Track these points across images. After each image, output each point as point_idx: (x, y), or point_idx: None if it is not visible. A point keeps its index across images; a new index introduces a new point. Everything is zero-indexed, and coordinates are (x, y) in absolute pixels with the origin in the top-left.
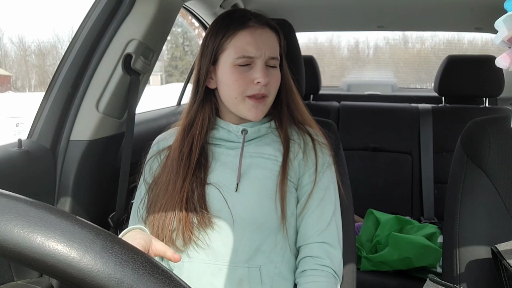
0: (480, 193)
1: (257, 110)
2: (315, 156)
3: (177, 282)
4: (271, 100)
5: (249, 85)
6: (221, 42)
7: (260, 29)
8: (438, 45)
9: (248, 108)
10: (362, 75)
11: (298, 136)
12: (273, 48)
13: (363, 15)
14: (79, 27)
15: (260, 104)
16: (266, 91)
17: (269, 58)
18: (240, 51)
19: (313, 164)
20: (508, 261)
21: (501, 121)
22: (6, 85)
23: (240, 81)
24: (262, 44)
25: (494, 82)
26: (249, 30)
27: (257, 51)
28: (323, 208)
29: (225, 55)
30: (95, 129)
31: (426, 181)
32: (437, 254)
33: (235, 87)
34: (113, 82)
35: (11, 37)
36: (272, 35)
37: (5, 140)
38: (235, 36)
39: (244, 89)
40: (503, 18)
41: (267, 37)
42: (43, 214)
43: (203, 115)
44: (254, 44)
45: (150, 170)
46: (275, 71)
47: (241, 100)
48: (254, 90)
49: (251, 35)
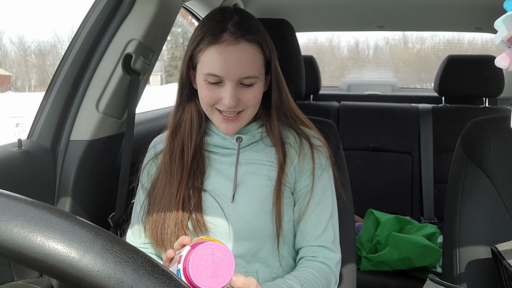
0: (480, 193)
1: (227, 126)
2: (312, 161)
3: (177, 282)
4: (251, 112)
5: (219, 101)
6: (195, 52)
7: (232, 45)
8: (438, 45)
9: (219, 121)
10: (362, 75)
11: (295, 139)
12: (247, 67)
13: (363, 15)
14: (79, 27)
15: (231, 121)
16: (240, 108)
17: (241, 78)
18: (208, 68)
19: (309, 168)
20: (508, 261)
21: (501, 121)
22: (6, 85)
23: (208, 97)
24: (231, 64)
25: (494, 82)
26: (218, 46)
27: (225, 71)
28: (320, 212)
29: (198, 66)
30: (95, 129)
31: (426, 181)
32: (437, 254)
33: (205, 101)
34: (113, 82)
35: (11, 37)
36: (249, 50)
37: (5, 140)
38: (205, 51)
39: (213, 104)
40: (502, 18)
41: (240, 54)
42: (43, 214)
43: (190, 115)
44: (222, 64)
45: (148, 174)
46: (252, 88)
47: (211, 111)
48: (222, 107)
49: (219, 53)
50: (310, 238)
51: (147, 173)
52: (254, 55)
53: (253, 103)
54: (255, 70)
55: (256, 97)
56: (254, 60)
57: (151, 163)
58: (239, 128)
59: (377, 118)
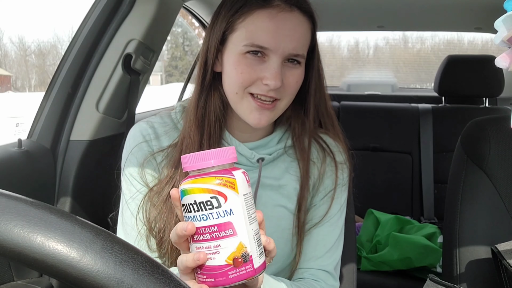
0: (480, 193)
1: (261, 115)
2: (334, 182)
3: (177, 282)
4: (285, 104)
5: (256, 82)
6: (233, 18)
7: (286, 11)
8: (438, 45)
9: (250, 109)
10: (362, 75)
11: (318, 155)
12: (299, 41)
13: (363, 15)
14: (79, 27)
15: (266, 110)
16: (278, 94)
17: (289, 55)
18: (252, 37)
19: (330, 189)
20: (508, 261)
21: (501, 121)
22: (6, 85)
23: (245, 75)
24: (283, 34)
25: (494, 82)
26: (269, 11)
27: (274, 43)
28: (328, 232)
29: (235, 37)
30: (95, 129)
31: (426, 181)
32: (437, 254)
33: (238, 81)
34: (113, 82)
35: (11, 37)
36: (302, 22)
37: (5, 140)
38: (250, 16)
39: (249, 85)
40: (502, 18)
41: (294, 25)
42: (43, 214)
43: (214, 105)
44: (272, 33)
45: (142, 173)
46: (297, 70)
47: (241, 96)
48: (260, 89)
49: (270, 18)
50: (310, 259)
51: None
52: (306, 30)
53: (293, 90)
54: (304, 49)
55: (298, 82)
56: (305, 36)
57: (147, 162)
58: (272, 120)
59: (377, 118)
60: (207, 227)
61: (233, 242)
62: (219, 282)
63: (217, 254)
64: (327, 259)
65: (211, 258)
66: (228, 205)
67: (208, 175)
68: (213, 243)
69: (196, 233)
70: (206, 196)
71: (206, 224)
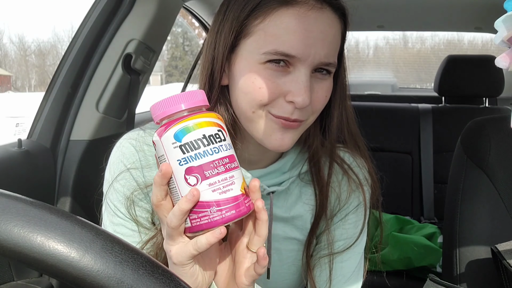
0: (480, 193)
1: (284, 135)
2: (355, 206)
3: (177, 282)
4: (311, 121)
5: (278, 99)
6: (248, 19)
7: (315, 10)
8: (438, 45)
9: (271, 129)
10: (362, 75)
11: (336, 177)
12: (331, 47)
13: (363, 15)
14: (79, 27)
15: (290, 129)
16: (304, 115)
17: (320, 63)
18: (275, 42)
19: (348, 211)
20: (508, 261)
21: (501, 121)
22: (6, 85)
23: (264, 90)
24: (314, 38)
25: (494, 82)
26: (296, 10)
27: (303, 49)
28: (346, 259)
29: (249, 43)
30: (95, 129)
31: (426, 181)
32: (437, 254)
33: (256, 98)
34: (113, 82)
35: (11, 37)
36: (334, 23)
37: (5, 140)
38: (270, 15)
39: (269, 102)
40: (502, 18)
41: (326, 27)
42: (43, 214)
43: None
44: (301, 36)
45: (129, 208)
46: (326, 82)
47: (259, 115)
48: (283, 110)
49: (297, 19)
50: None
51: (138, 207)
52: (337, 32)
53: (322, 106)
54: (335, 55)
55: (327, 97)
56: (337, 40)
57: (140, 194)
58: (296, 140)
59: (377, 118)
60: (220, 159)
61: (240, 173)
62: (241, 212)
63: (234, 185)
64: (348, 283)
65: (229, 189)
66: (228, 138)
67: (207, 112)
68: (228, 175)
69: (208, 169)
70: (214, 129)
71: (219, 156)
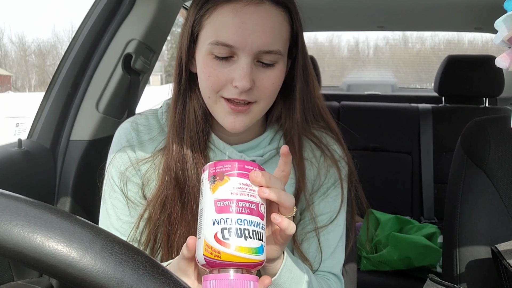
0: (480, 193)
1: (235, 119)
2: (334, 181)
3: (177, 282)
4: (263, 107)
5: (227, 85)
6: (199, 15)
7: (252, 5)
8: (438, 45)
9: (224, 113)
10: (362, 75)
11: (314, 153)
12: (270, 36)
13: (363, 15)
14: (79, 27)
15: (240, 114)
16: (251, 97)
17: (261, 52)
18: (217, 35)
19: (328, 186)
20: (508, 261)
21: (501, 121)
22: (6, 85)
23: (213, 78)
24: (250, 30)
25: (494, 82)
26: (233, 6)
27: (240, 39)
28: (332, 232)
29: (203, 35)
30: (95, 129)
31: (426, 181)
32: (437, 254)
33: (208, 84)
34: (113, 82)
35: (11, 37)
36: (275, 15)
37: (5, 140)
38: (215, 12)
39: (219, 88)
40: (503, 18)
41: (263, 19)
42: (43, 214)
43: (194, 110)
44: (237, 29)
45: (122, 185)
46: (271, 71)
47: (215, 100)
48: (231, 93)
49: (234, 14)
50: (315, 262)
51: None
52: (280, 23)
53: (269, 92)
54: (279, 43)
55: (275, 84)
56: (280, 30)
57: (131, 171)
58: (249, 124)
59: (377, 118)
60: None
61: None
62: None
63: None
64: (331, 260)
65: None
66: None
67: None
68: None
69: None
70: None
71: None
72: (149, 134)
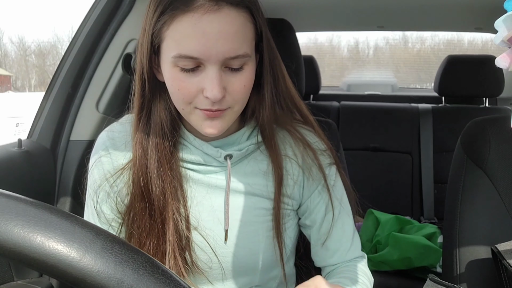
0: (480, 193)
1: (212, 124)
2: (321, 172)
3: (177, 282)
4: (239, 108)
5: (198, 95)
6: (157, 27)
7: (211, 12)
8: (438, 45)
9: (200, 120)
10: (362, 75)
11: (293, 149)
12: (234, 42)
13: (363, 15)
14: (79, 27)
15: (216, 118)
16: (225, 104)
17: (227, 59)
18: (178, 48)
19: (320, 182)
20: (508, 261)
21: (501, 121)
22: (6, 85)
23: (184, 90)
24: (213, 39)
25: (494, 82)
26: (192, 15)
27: (204, 51)
28: (343, 224)
29: (164, 48)
30: (95, 129)
31: (426, 181)
32: (437, 254)
33: (179, 97)
34: (113, 82)
35: (11, 37)
36: (235, 18)
37: (5, 140)
38: (173, 23)
39: (191, 100)
40: (503, 18)
41: (224, 25)
42: (43, 214)
43: (160, 118)
44: (199, 40)
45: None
46: (241, 75)
47: (189, 111)
48: (204, 104)
49: (194, 24)
50: (340, 255)
51: (105, 194)
52: (242, 25)
53: (242, 95)
54: (245, 46)
55: (246, 86)
56: (244, 32)
57: (106, 184)
58: (226, 127)
59: (377, 118)
60: None
61: None
62: None
63: None
64: (352, 247)
65: None
66: None
67: None
68: None
69: None
70: None
71: None
72: (125, 141)
